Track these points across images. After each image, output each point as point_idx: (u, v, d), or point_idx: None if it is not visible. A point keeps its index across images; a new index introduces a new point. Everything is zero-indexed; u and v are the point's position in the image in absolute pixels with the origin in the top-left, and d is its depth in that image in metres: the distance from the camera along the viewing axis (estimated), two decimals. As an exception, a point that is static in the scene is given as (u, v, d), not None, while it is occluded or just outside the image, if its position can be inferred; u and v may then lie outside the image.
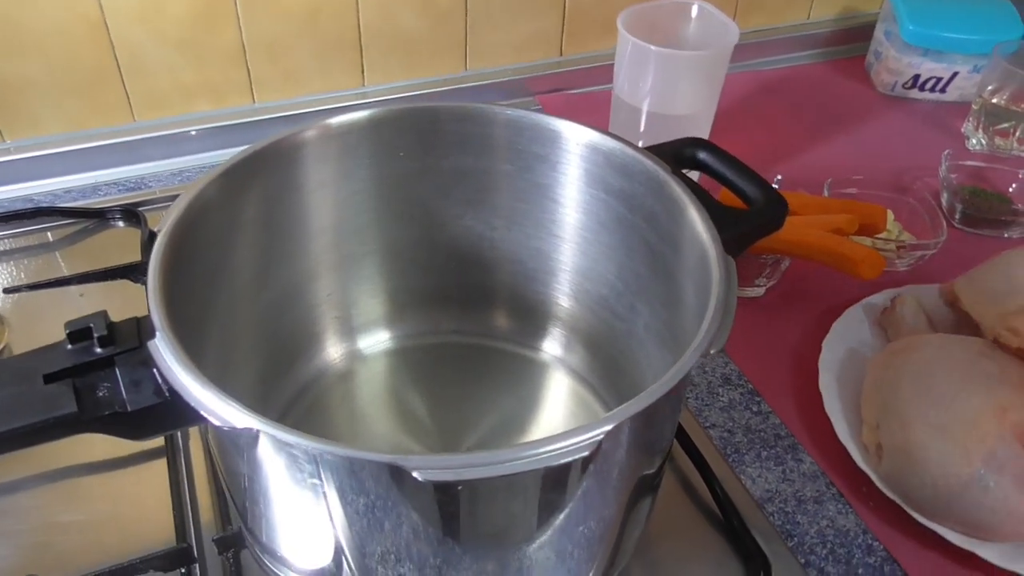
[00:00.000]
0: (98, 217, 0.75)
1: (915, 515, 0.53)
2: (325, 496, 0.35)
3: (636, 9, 0.75)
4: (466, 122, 0.50)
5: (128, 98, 0.79)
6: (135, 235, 0.73)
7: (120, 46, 0.76)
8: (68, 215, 0.74)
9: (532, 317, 0.57)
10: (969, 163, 0.84)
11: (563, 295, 0.56)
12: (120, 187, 0.79)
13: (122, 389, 0.34)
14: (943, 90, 0.97)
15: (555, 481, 0.34)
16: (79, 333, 0.35)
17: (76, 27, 0.73)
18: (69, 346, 0.35)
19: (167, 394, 0.34)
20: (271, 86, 0.83)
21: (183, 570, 0.49)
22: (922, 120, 0.96)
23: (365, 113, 0.48)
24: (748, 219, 0.45)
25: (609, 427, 0.32)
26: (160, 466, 0.56)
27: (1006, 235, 0.79)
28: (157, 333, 0.34)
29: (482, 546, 0.38)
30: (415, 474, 0.30)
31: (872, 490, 0.56)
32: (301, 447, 0.31)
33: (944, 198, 0.81)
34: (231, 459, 0.38)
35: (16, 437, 0.32)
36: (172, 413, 0.34)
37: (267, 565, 0.45)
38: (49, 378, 0.34)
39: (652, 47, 0.71)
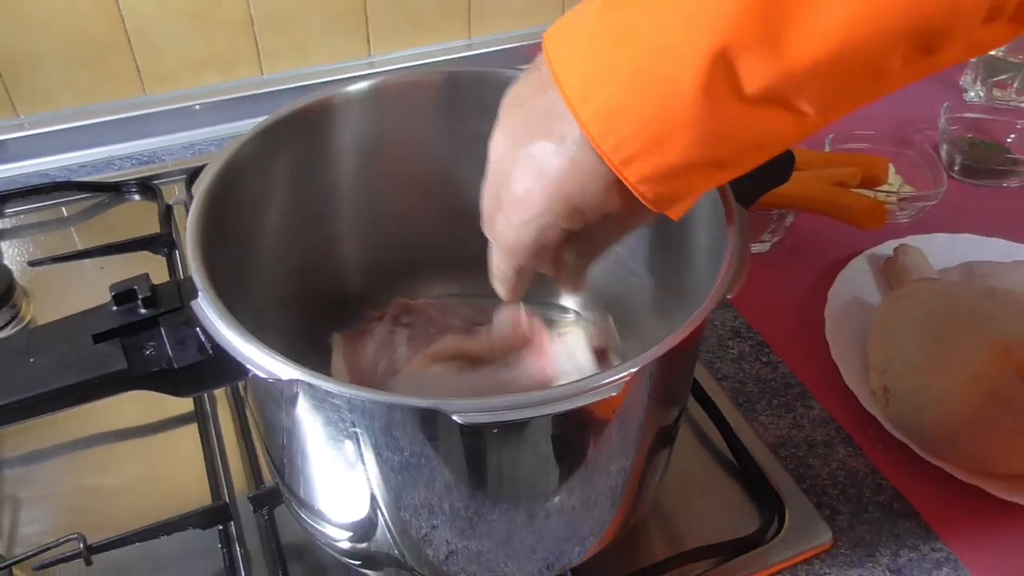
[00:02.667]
0: (113, 191, 0.76)
1: (922, 454, 0.55)
2: (363, 446, 0.37)
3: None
4: (482, 87, 0.51)
5: (139, 70, 0.80)
6: (151, 208, 0.74)
7: (129, 19, 0.76)
8: (84, 189, 0.76)
9: (550, 278, 0.58)
10: (968, 115, 0.85)
11: (577, 252, 0.57)
12: (134, 160, 0.80)
13: (168, 347, 0.36)
14: (942, 43, 0.98)
15: (584, 423, 0.36)
16: (124, 295, 0.36)
17: (85, 1, 0.74)
18: (115, 307, 0.36)
19: (211, 351, 0.35)
20: (279, 57, 0.84)
21: (220, 527, 0.51)
22: (921, 74, 0.97)
23: (388, 78, 0.49)
24: (756, 173, 0.46)
25: (635, 369, 0.33)
26: (190, 431, 0.58)
27: (1004, 184, 0.81)
28: (200, 293, 0.36)
29: (512, 493, 0.40)
30: (455, 417, 0.31)
31: (880, 432, 0.58)
32: (345, 396, 0.33)
33: (944, 150, 0.82)
34: (271, 414, 0.40)
35: (69, 393, 0.34)
36: (216, 369, 0.36)
37: (304, 519, 0.47)
38: (98, 338, 0.35)
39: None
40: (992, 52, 0.89)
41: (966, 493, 0.54)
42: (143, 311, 0.36)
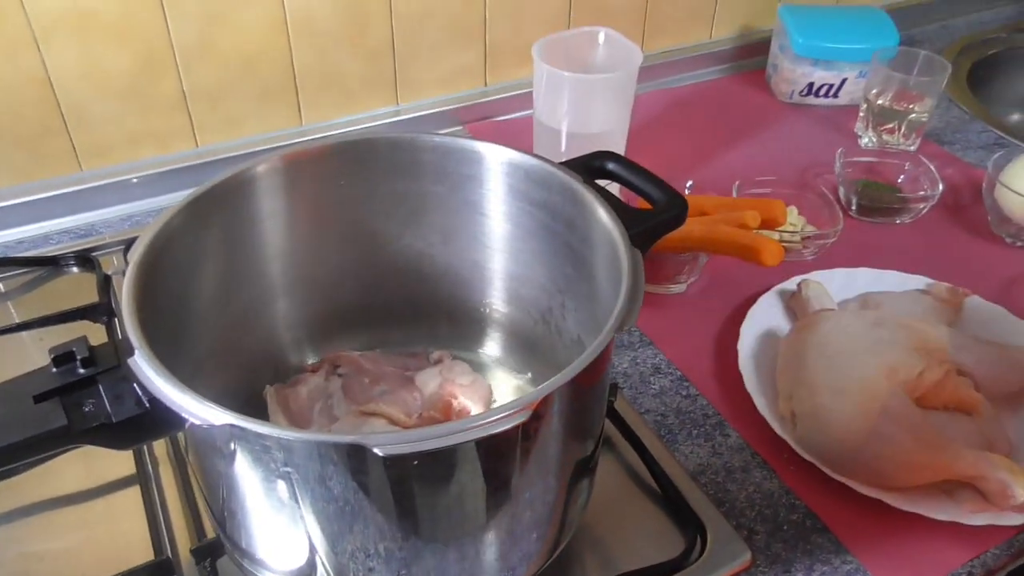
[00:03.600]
0: (51, 264, 0.78)
1: (828, 472, 0.59)
2: (295, 486, 0.39)
3: (548, 39, 0.81)
4: (399, 150, 0.55)
5: (75, 148, 0.82)
6: (89, 279, 0.76)
7: (64, 100, 0.79)
8: (22, 264, 0.77)
9: (472, 324, 0.62)
10: (861, 159, 0.93)
11: (499, 301, 0.61)
12: (72, 235, 0.82)
13: (106, 403, 0.38)
14: (835, 95, 1.06)
15: (499, 451, 0.39)
16: (63, 357, 0.39)
17: (21, 84, 0.77)
18: (54, 369, 0.39)
19: (147, 404, 0.38)
20: (213, 130, 0.87)
21: (164, 582, 0.52)
22: (819, 123, 1.05)
23: (309, 147, 0.53)
24: (653, 217, 0.51)
25: (539, 397, 0.37)
26: (132, 493, 0.59)
27: (898, 221, 0.88)
28: (136, 351, 0.38)
29: (440, 526, 0.43)
30: (376, 450, 0.34)
31: (791, 454, 0.62)
32: (273, 437, 0.36)
33: (841, 192, 0.89)
34: (210, 464, 0.42)
35: (13, 451, 0.36)
36: (154, 421, 0.38)
37: (246, 568, 0.49)
38: (39, 398, 0.38)
39: (565, 73, 0.77)
40: (879, 101, 0.97)
41: (870, 506, 0.58)
42: (82, 371, 0.39)
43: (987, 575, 0.57)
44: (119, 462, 0.61)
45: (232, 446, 0.38)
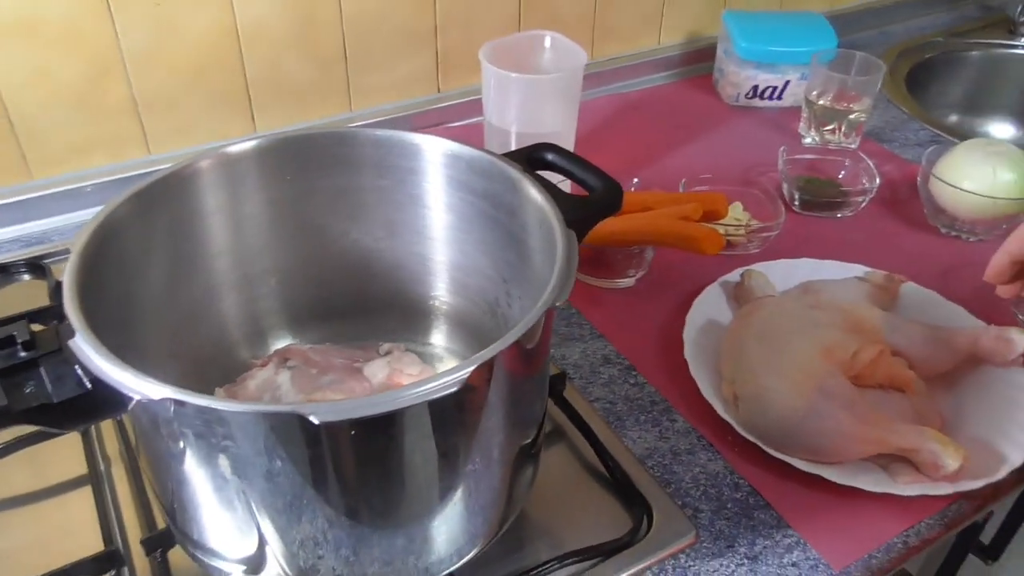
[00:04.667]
0: (2, 272, 0.78)
1: (769, 450, 0.61)
2: (237, 462, 0.40)
3: (496, 43, 0.83)
4: (340, 145, 0.56)
5: (24, 157, 0.82)
6: (40, 286, 0.76)
7: (13, 110, 0.79)
8: (-29, 273, 0.77)
9: (420, 316, 0.63)
10: (803, 157, 0.96)
11: (446, 292, 0.62)
12: (22, 242, 0.82)
13: (47, 384, 0.39)
14: (779, 97, 1.10)
15: (436, 418, 0.40)
16: (3, 341, 0.39)
17: (-34, 94, 0.77)
18: (-6, 352, 0.39)
19: (89, 385, 0.39)
20: (165, 138, 0.88)
21: (113, 573, 0.52)
22: (764, 124, 1.08)
23: (252, 143, 0.54)
24: (590, 203, 0.52)
25: (472, 367, 0.38)
26: (83, 493, 0.59)
27: (839, 215, 0.91)
28: (77, 333, 0.39)
29: (383, 499, 0.44)
30: (312, 418, 0.35)
31: (735, 436, 0.64)
32: (212, 409, 0.37)
33: (784, 188, 0.92)
34: (154, 447, 0.43)
35: (-49, 433, 0.37)
36: (96, 401, 0.39)
37: (198, 557, 0.49)
38: (-20, 380, 0.38)
39: (512, 74, 0.79)
40: (820, 102, 1.00)
41: (809, 482, 0.60)
42: (23, 354, 0.39)
43: (922, 544, 0.59)
44: (70, 463, 0.61)
45: (175, 426, 0.39)
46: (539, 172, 0.54)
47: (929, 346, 0.67)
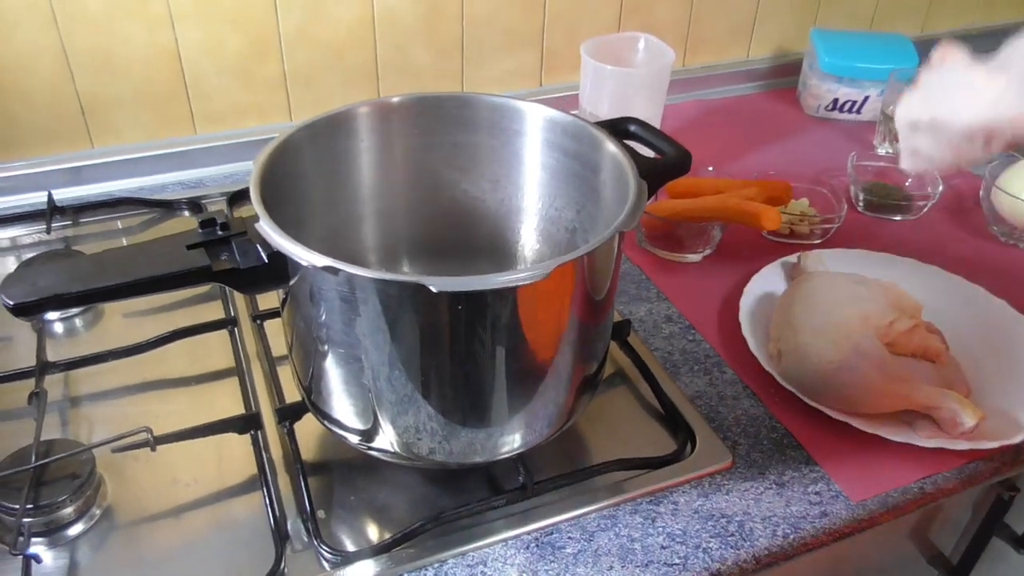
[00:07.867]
0: (167, 207, 0.93)
1: (805, 399, 0.70)
2: (369, 323, 0.51)
3: (596, 40, 0.95)
4: (462, 107, 0.68)
5: (192, 114, 0.98)
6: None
7: (189, 75, 0.95)
8: (144, 204, 0.93)
9: (508, 261, 0.75)
10: (872, 164, 1.03)
11: (534, 240, 0.73)
12: (184, 185, 0.98)
13: (236, 255, 0.52)
14: (858, 111, 1.17)
15: (526, 300, 0.51)
16: (207, 221, 0.53)
17: (155, 55, 0.93)
18: (200, 230, 0.53)
19: (266, 259, 0.52)
20: (304, 108, 1.02)
21: (253, 432, 0.66)
22: (841, 135, 1.16)
23: (396, 98, 0.67)
24: (662, 164, 0.63)
25: (557, 264, 0.49)
26: (230, 383, 0.73)
27: (898, 218, 0.98)
28: (260, 218, 0.52)
29: (478, 369, 0.53)
30: (431, 287, 0.47)
31: (776, 387, 0.73)
32: (359, 276, 0.48)
33: (851, 190, 1.00)
34: (305, 312, 0.55)
35: (170, 279, 0.50)
36: (271, 271, 0.52)
37: (326, 425, 0.61)
38: (190, 247, 0.52)
39: (608, 67, 0.91)
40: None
41: (839, 429, 0.69)
42: (220, 232, 0.53)
43: (938, 493, 0.67)
44: (221, 356, 0.75)
45: (327, 293, 0.51)
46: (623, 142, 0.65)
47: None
